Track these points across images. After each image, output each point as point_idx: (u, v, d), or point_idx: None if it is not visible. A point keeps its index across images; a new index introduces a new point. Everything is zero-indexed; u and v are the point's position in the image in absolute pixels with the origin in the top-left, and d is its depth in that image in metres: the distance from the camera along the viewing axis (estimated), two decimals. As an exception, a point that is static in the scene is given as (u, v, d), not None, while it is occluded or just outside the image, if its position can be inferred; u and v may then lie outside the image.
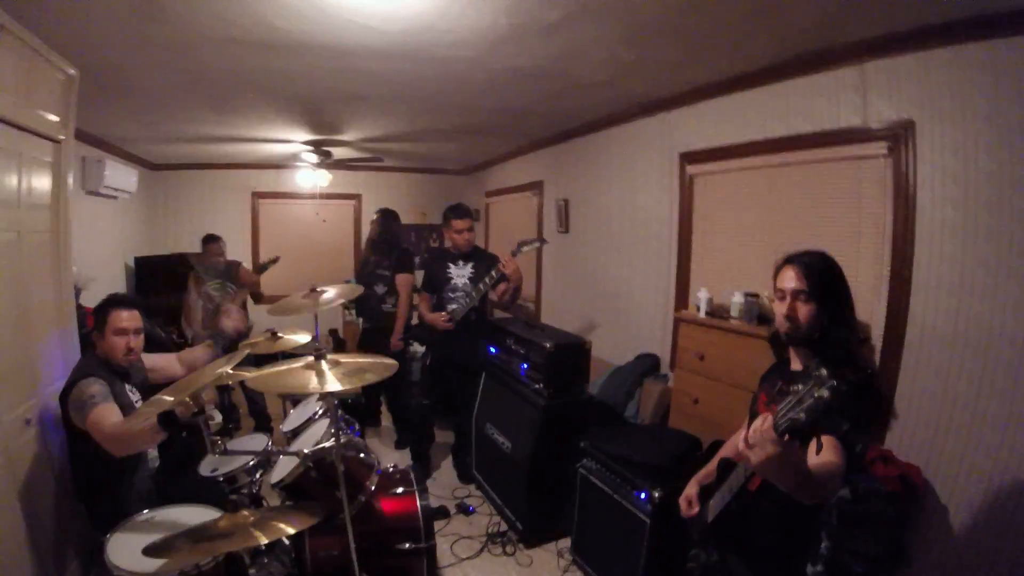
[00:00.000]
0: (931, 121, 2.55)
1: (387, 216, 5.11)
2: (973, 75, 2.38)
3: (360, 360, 2.29)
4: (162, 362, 3.06)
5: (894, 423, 2.68)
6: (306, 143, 6.03)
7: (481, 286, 4.09)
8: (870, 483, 2.43)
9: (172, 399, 2.07)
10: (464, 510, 4.04)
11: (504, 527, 3.80)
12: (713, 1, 2.45)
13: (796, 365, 1.88)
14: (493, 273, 3.98)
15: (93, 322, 2.72)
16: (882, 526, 2.39)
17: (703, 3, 2.46)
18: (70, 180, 3.09)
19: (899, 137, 2.66)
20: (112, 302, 2.72)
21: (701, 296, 3.53)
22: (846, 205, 2.96)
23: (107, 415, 2.37)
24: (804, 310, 1.76)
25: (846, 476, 1.60)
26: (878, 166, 2.78)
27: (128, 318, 2.69)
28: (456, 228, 4.29)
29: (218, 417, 4.97)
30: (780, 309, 1.83)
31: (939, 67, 2.51)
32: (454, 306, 4.26)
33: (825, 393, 1.20)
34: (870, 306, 2.80)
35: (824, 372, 1.22)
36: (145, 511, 2.35)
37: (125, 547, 2.08)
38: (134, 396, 2.75)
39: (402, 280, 4.90)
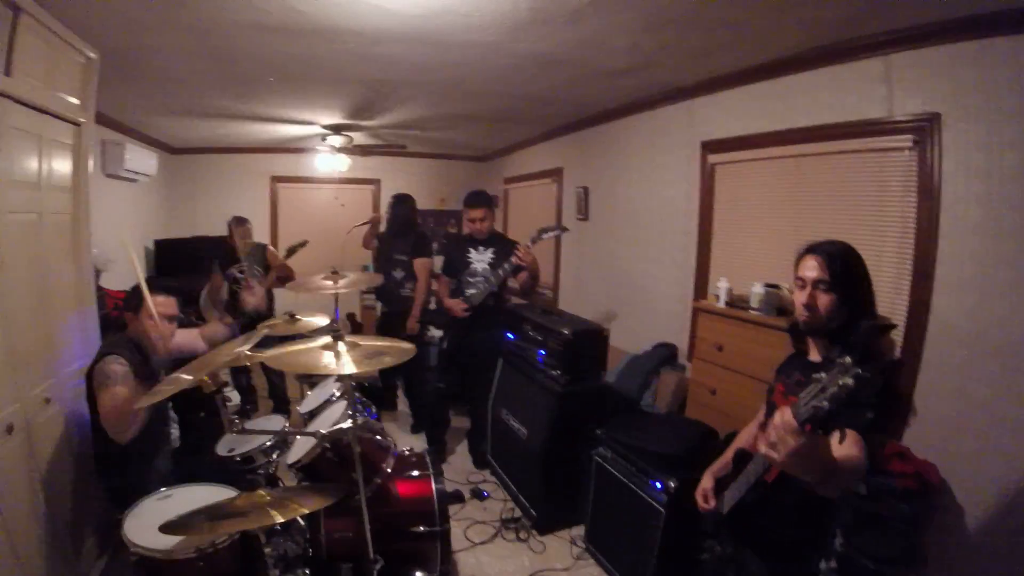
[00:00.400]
0: (957, 115, 2.50)
1: (402, 201, 5.10)
2: (1002, 70, 2.33)
3: (378, 343, 2.28)
4: (183, 338, 3.06)
5: (912, 420, 2.65)
6: (326, 127, 6.04)
7: (500, 272, 4.08)
8: (886, 480, 2.40)
9: (190, 378, 2.08)
10: (478, 495, 4.06)
11: (518, 513, 3.82)
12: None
13: (814, 356, 1.86)
14: (512, 260, 3.96)
15: (127, 303, 2.72)
16: (896, 524, 2.36)
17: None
18: (90, 163, 3.12)
19: (924, 130, 2.61)
20: (153, 287, 2.72)
21: (721, 286, 3.49)
22: (869, 198, 2.92)
23: (116, 395, 2.41)
24: (824, 300, 1.74)
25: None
26: (902, 159, 2.73)
27: (163, 303, 2.70)
28: (470, 216, 4.30)
29: (236, 398, 5.02)
30: (800, 298, 1.81)
31: (966, 61, 2.45)
32: (473, 291, 4.26)
33: (850, 381, 1.16)
34: (891, 301, 2.76)
35: (849, 360, 1.19)
36: (162, 489, 2.38)
37: (142, 524, 2.11)
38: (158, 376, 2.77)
39: (420, 264, 4.91)
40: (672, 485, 2.75)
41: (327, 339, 2.14)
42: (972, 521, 2.39)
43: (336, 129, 6.08)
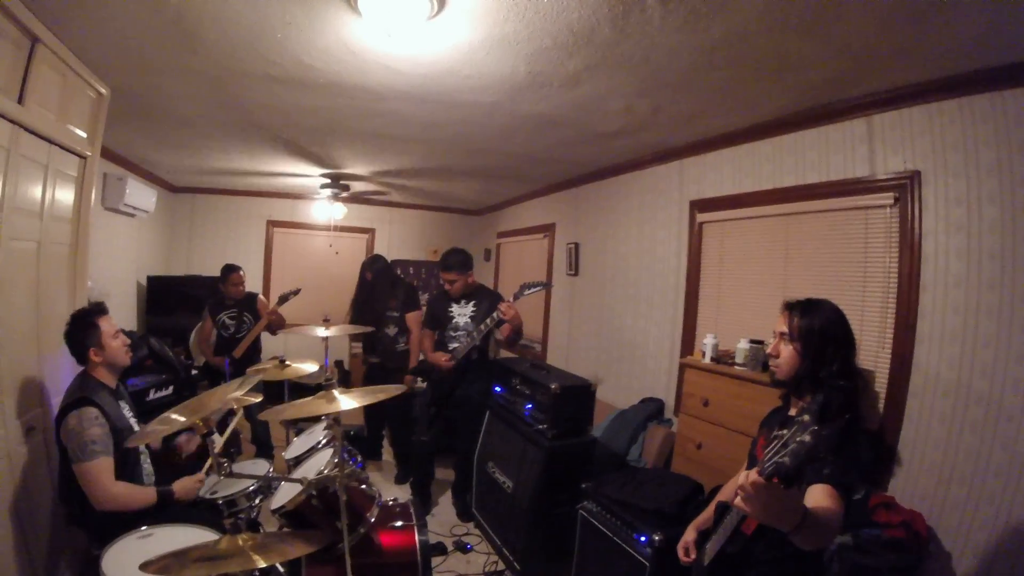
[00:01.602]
0: (937, 171, 2.62)
1: (378, 261, 5.20)
2: (980, 127, 2.46)
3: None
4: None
5: (898, 470, 2.68)
6: (325, 175, 6.15)
7: (482, 327, 4.11)
8: (873, 531, 2.42)
9: (183, 419, 2.08)
10: (462, 548, 4.00)
11: (502, 567, 3.76)
12: (729, 58, 2.54)
13: (793, 410, 1.91)
14: (495, 315, 3.99)
15: (81, 343, 2.56)
16: (886, 574, 2.36)
17: (719, 59, 2.56)
18: (92, 196, 3.16)
19: (905, 187, 2.73)
20: (93, 312, 2.63)
21: (707, 342, 3.54)
22: (854, 254, 3.01)
23: (104, 470, 2.36)
24: (785, 351, 1.84)
25: (847, 523, 1.60)
26: (884, 216, 2.85)
27: (110, 320, 2.66)
28: (444, 278, 4.36)
29: (220, 442, 4.96)
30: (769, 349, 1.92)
31: (946, 119, 2.59)
32: (456, 344, 4.28)
33: (807, 438, 1.23)
34: (876, 354, 2.84)
35: (807, 418, 1.25)
36: (143, 527, 2.35)
37: (121, 561, 2.09)
38: (128, 413, 2.71)
39: (412, 318, 4.96)
40: (657, 539, 2.73)
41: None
42: (963, 568, 2.39)
43: (336, 178, 6.19)
